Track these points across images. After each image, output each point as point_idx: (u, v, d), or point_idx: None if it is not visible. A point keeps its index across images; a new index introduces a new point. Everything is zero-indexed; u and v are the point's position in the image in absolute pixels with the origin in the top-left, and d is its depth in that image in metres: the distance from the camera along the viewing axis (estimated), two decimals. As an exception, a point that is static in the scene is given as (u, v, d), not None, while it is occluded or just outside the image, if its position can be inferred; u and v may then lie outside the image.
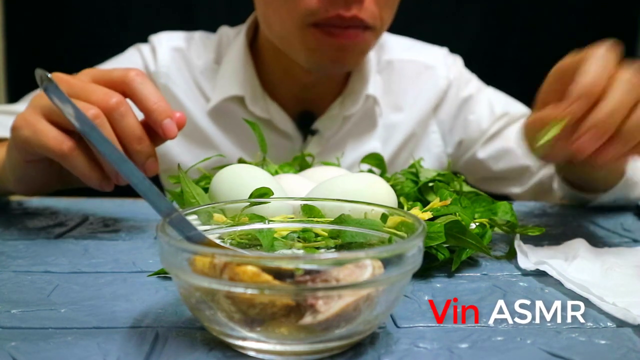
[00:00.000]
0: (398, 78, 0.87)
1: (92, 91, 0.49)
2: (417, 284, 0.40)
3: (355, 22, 0.68)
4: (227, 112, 0.82)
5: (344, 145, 0.84)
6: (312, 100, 0.82)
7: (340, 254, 0.34)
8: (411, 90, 0.87)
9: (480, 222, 0.46)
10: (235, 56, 0.81)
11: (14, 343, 0.31)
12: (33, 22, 1.53)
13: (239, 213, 0.39)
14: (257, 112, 0.80)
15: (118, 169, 0.34)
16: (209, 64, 0.84)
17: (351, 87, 0.82)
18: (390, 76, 0.87)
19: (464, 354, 0.30)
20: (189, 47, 0.85)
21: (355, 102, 0.82)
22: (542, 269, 0.42)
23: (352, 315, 0.28)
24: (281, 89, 0.82)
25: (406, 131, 0.85)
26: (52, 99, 0.38)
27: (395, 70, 0.87)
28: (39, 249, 0.47)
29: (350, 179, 0.46)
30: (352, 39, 0.69)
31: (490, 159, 0.85)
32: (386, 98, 0.86)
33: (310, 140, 0.82)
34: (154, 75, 0.83)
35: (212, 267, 0.28)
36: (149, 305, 0.36)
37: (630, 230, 0.57)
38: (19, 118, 0.50)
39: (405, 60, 0.87)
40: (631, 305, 0.35)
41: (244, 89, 0.80)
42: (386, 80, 0.87)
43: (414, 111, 0.86)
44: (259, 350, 0.29)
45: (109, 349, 0.30)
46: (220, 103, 0.81)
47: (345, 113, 0.82)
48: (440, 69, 0.87)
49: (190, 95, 0.83)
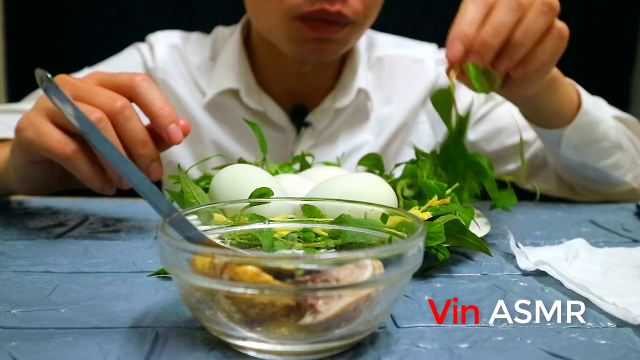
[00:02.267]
0: (389, 72, 0.89)
1: (97, 94, 0.49)
2: (417, 284, 0.40)
3: (338, 18, 0.70)
4: (223, 106, 0.84)
5: (336, 137, 0.86)
6: (305, 94, 0.84)
7: (340, 254, 0.34)
8: (401, 84, 0.89)
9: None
10: (231, 52, 0.84)
11: (14, 343, 0.31)
12: (33, 22, 1.53)
13: (239, 213, 0.39)
14: (251, 104, 0.82)
15: (118, 169, 0.34)
16: (205, 60, 0.86)
17: (343, 81, 0.84)
18: (381, 71, 0.89)
19: (464, 354, 0.30)
20: (185, 45, 0.87)
21: (347, 95, 0.84)
22: (542, 269, 0.42)
23: (352, 315, 0.28)
24: (274, 83, 0.84)
25: (397, 123, 0.87)
26: (52, 99, 0.38)
27: (386, 65, 0.89)
28: (39, 249, 0.47)
29: (350, 179, 0.46)
30: (333, 34, 0.71)
31: (482, 141, 0.86)
32: (378, 92, 0.88)
33: (303, 132, 0.84)
34: (152, 71, 0.85)
35: (212, 267, 0.28)
36: (149, 305, 0.36)
37: (630, 230, 0.57)
38: (23, 119, 0.50)
39: (395, 55, 0.90)
40: (631, 305, 0.35)
41: (239, 83, 0.82)
42: (377, 75, 0.89)
43: (405, 103, 0.88)
44: (259, 350, 0.29)
45: (109, 349, 0.30)
46: (216, 97, 0.83)
47: (337, 106, 0.83)
48: (429, 62, 0.90)
49: (187, 90, 0.85)
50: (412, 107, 0.88)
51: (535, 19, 0.51)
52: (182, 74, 0.86)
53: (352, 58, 0.85)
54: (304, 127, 0.84)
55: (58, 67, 0.57)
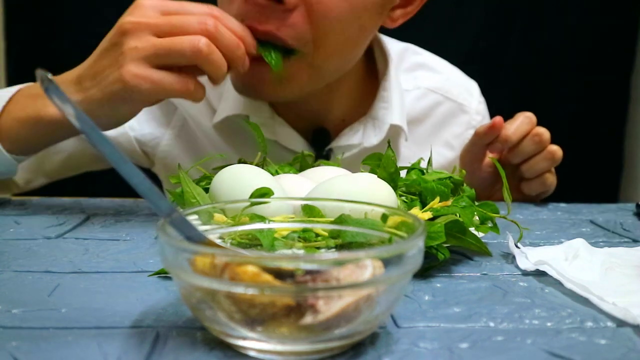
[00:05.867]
0: (429, 112, 0.84)
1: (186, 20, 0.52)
2: (417, 284, 0.40)
3: (270, 39, 0.57)
4: (234, 124, 0.76)
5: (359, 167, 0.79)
6: (318, 116, 0.75)
7: (340, 254, 0.34)
8: (441, 129, 0.85)
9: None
10: None
11: (14, 343, 0.31)
12: (33, 22, 1.53)
13: (239, 213, 0.39)
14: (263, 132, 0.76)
15: (118, 169, 0.34)
16: None
17: (374, 112, 0.75)
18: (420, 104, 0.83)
19: (464, 354, 0.30)
20: None
21: (377, 132, 0.75)
22: (542, 269, 0.42)
23: (352, 315, 0.28)
24: (286, 107, 0.74)
25: None
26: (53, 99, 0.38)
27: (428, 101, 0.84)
28: (40, 249, 0.47)
29: (350, 179, 0.46)
30: (261, 74, 0.59)
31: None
32: (413, 127, 0.81)
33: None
34: None
35: (213, 267, 0.28)
36: (149, 305, 0.36)
37: (630, 230, 0.57)
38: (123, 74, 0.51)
39: (438, 90, 0.84)
40: (631, 305, 0.35)
41: (248, 108, 0.73)
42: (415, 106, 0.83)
43: (441, 149, 0.84)
44: (260, 350, 0.29)
45: (109, 349, 0.30)
46: (226, 118, 0.75)
47: (365, 145, 0.74)
48: (472, 114, 0.86)
49: (196, 106, 0.78)
50: (450, 159, 0.83)
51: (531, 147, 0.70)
52: None
53: (384, 83, 0.75)
54: (326, 157, 0.73)
55: (58, 67, 0.57)
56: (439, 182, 0.48)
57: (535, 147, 0.68)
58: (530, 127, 0.69)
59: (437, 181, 0.49)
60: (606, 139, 1.68)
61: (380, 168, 0.49)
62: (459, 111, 0.84)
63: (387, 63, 0.77)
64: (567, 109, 1.61)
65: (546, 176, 0.71)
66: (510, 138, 0.67)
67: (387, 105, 0.75)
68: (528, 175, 0.70)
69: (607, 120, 1.67)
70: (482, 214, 0.48)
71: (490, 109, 0.89)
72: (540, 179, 0.71)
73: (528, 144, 0.68)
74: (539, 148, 0.69)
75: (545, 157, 0.69)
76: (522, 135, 0.68)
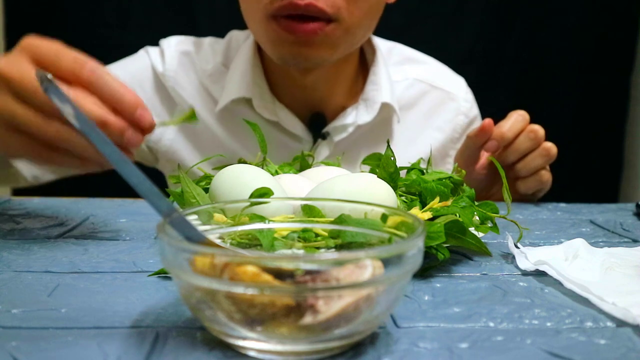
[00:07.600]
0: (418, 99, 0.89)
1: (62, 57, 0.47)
2: (417, 284, 0.40)
3: (311, 12, 0.66)
4: (235, 115, 0.82)
5: (356, 151, 0.83)
6: (320, 102, 0.82)
7: (340, 254, 0.34)
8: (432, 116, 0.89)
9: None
10: (244, 59, 0.81)
11: (14, 343, 0.31)
12: (33, 22, 1.53)
13: (239, 213, 0.39)
14: (265, 114, 0.80)
15: (118, 169, 0.34)
16: (217, 66, 0.84)
17: (365, 94, 0.82)
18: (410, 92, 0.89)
19: (464, 354, 0.30)
20: (197, 51, 0.85)
21: (370, 111, 0.82)
22: (542, 269, 0.42)
23: (352, 315, 0.28)
24: (286, 92, 0.81)
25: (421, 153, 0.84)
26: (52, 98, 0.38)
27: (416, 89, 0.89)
28: (39, 249, 0.47)
29: (350, 179, 0.46)
30: (310, 35, 0.68)
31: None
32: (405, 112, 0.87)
33: (320, 143, 0.81)
34: (162, 76, 0.84)
35: (213, 267, 0.28)
36: (149, 305, 0.36)
37: (630, 230, 0.57)
38: None
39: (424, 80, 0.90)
40: (631, 305, 0.35)
41: (252, 91, 0.80)
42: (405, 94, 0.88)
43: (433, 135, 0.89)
44: (260, 350, 0.29)
45: (109, 349, 0.30)
46: (228, 105, 0.81)
47: (359, 123, 0.81)
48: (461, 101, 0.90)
49: (197, 98, 0.83)
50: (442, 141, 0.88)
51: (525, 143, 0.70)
52: (193, 83, 0.84)
53: (373, 68, 0.83)
54: (322, 138, 0.82)
55: (58, 67, 0.57)
56: (439, 182, 0.49)
57: (531, 144, 0.69)
58: (524, 124, 0.70)
59: (436, 181, 0.49)
60: (606, 138, 1.68)
61: (380, 168, 0.49)
62: (447, 99, 0.90)
63: (375, 54, 0.84)
64: (567, 109, 1.61)
65: (542, 173, 0.71)
66: (505, 135, 0.68)
67: (377, 87, 0.82)
68: (524, 173, 0.70)
69: (607, 120, 1.67)
70: (482, 214, 0.48)
71: (490, 108, 0.90)
72: (536, 177, 0.71)
73: (523, 141, 0.69)
74: (535, 144, 0.69)
75: (540, 154, 0.69)
76: (517, 132, 0.69)
